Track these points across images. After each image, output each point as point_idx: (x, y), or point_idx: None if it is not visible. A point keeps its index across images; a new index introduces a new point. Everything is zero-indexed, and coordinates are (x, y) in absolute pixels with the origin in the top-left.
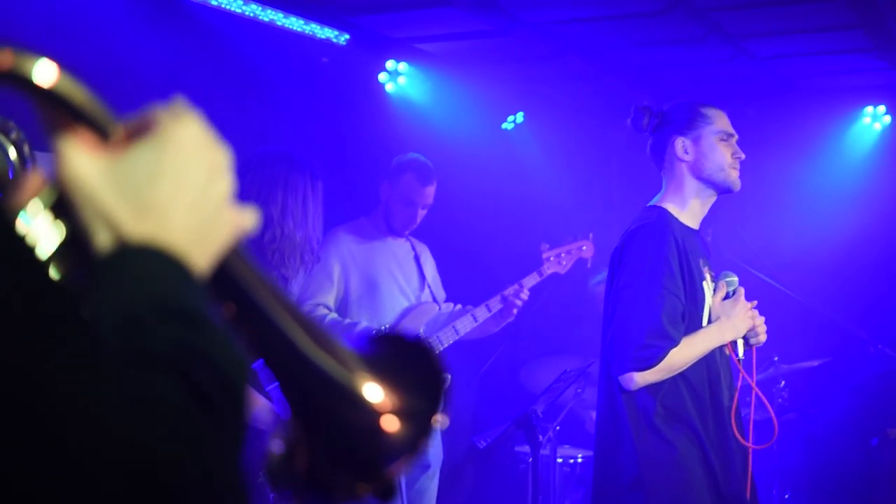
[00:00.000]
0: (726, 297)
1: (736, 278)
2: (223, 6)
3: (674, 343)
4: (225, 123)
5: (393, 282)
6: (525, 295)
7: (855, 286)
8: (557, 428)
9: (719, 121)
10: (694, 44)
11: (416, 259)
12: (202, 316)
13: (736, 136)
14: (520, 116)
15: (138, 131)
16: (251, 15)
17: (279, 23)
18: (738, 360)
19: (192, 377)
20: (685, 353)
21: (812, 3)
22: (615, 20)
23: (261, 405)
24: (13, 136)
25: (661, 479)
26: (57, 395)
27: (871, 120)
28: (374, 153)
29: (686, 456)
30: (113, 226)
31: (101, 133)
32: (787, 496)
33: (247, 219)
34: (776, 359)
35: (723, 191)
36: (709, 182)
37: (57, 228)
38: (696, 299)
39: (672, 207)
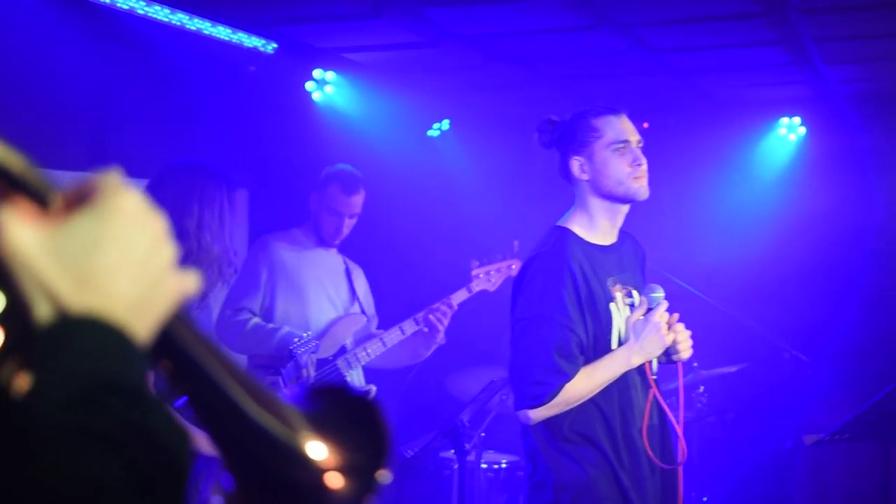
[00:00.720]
0: (650, 309)
1: (661, 293)
2: (150, 15)
3: (566, 378)
4: (152, 132)
5: (322, 291)
6: (454, 307)
7: (771, 294)
8: (483, 434)
9: (611, 130)
10: (618, 56)
11: (348, 274)
12: (144, 391)
13: (634, 141)
14: (445, 124)
15: (78, 201)
16: (178, 24)
17: (206, 31)
18: (653, 379)
19: (134, 457)
20: (585, 383)
21: (732, 20)
22: (542, 34)
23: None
24: None
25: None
26: None
27: (787, 131)
28: (301, 161)
29: (598, 479)
30: (53, 296)
31: (41, 202)
32: (705, 499)
33: (189, 283)
34: (696, 364)
35: (629, 202)
36: (611, 197)
37: None
38: (602, 323)
39: (579, 227)
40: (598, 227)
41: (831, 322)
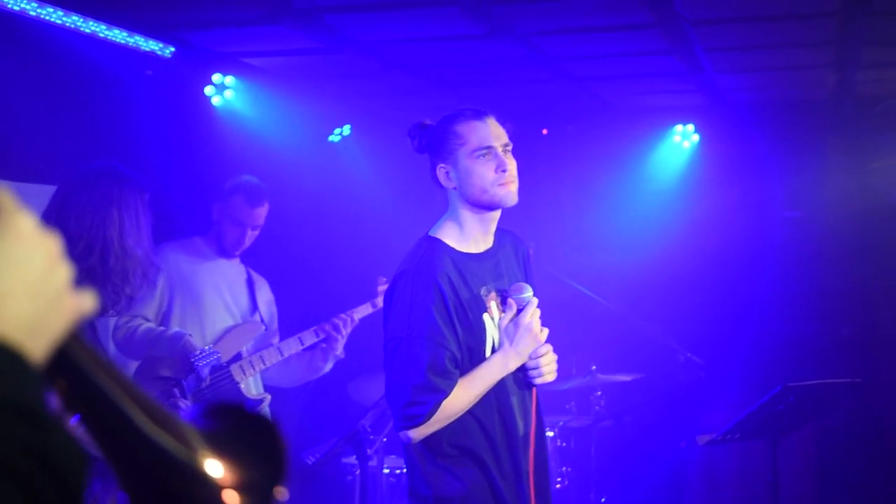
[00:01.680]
0: (521, 309)
1: (529, 293)
2: (42, 17)
3: (443, 394)
4: (47, 137)
5: (219, 299)
6: (355, 320)
7: (665, 298)
8: (384, 439)
9: (473, 136)
10: (516, 63)
11: (250, 284)
12: (41, 412)
13: (500, 146)
14: (346, 129)
15: None
16: (72, 26)
17: (102, 34)
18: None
19: (28, 479)
20: (463, 396)
21: (626, 30)
22: (439, 41)
23: None
24: None
25: None
26: None
27: (681, 138)
28: (201, 166)
29: (474, 491)
30: None
31: None
32: (603, 500)
33: (86, 303)
34: (594, 368)
35: (495, 209)
36: (477, 205)
37: None
38: (476, 334)
39: (449, 237)
40: (469, 235)
41: (724, 325)
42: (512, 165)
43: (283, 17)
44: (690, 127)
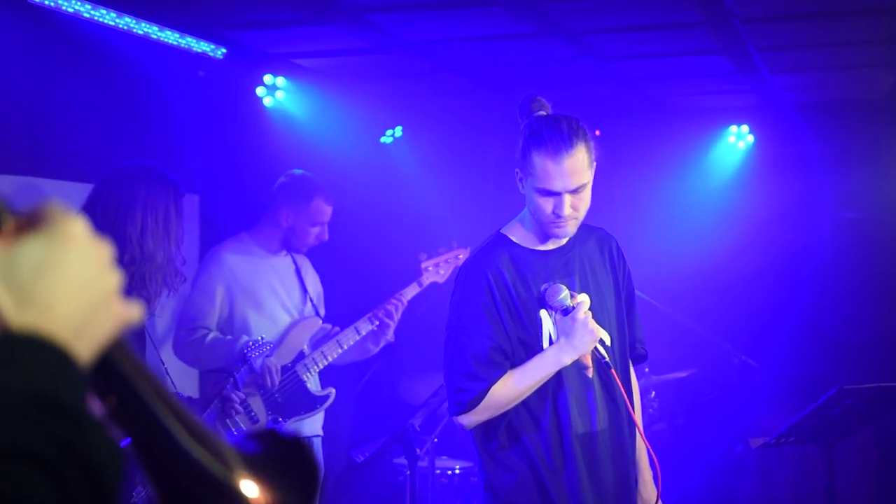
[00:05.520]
0: (565, 311)
1: (563, 294)
2: (96, 18)
3: (487, 383)
4: (100, 137)
5: (275, 298)
6: (405, 302)
7: (720, 299)
8: (435, 440)
9: (541, 174)
10: (566, 64)
11: (298, 273)
12: (81, 411)
13: (564, 190)
14: (398, 130)
15: (29, 225)
16: (125, 27)
17: (154, 36)
18: (605, 362)
19: (61, 476)
20: (513, 387)
21: (676, 29)
22: (488, 41)
23: None
24: None
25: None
26: None
27: (736, 139)
28: (253, 167)
29: (523, 485)
30: None
31: None
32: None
33: (132, 312)
34: (647, 370)
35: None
36: (533, 223)
37: None
38: (528, 328)
39: (516, 233)
40: (535, 234)
41: (778, 327)
42: (575, 208)
43: (329, 16)
44: (745, 128)
